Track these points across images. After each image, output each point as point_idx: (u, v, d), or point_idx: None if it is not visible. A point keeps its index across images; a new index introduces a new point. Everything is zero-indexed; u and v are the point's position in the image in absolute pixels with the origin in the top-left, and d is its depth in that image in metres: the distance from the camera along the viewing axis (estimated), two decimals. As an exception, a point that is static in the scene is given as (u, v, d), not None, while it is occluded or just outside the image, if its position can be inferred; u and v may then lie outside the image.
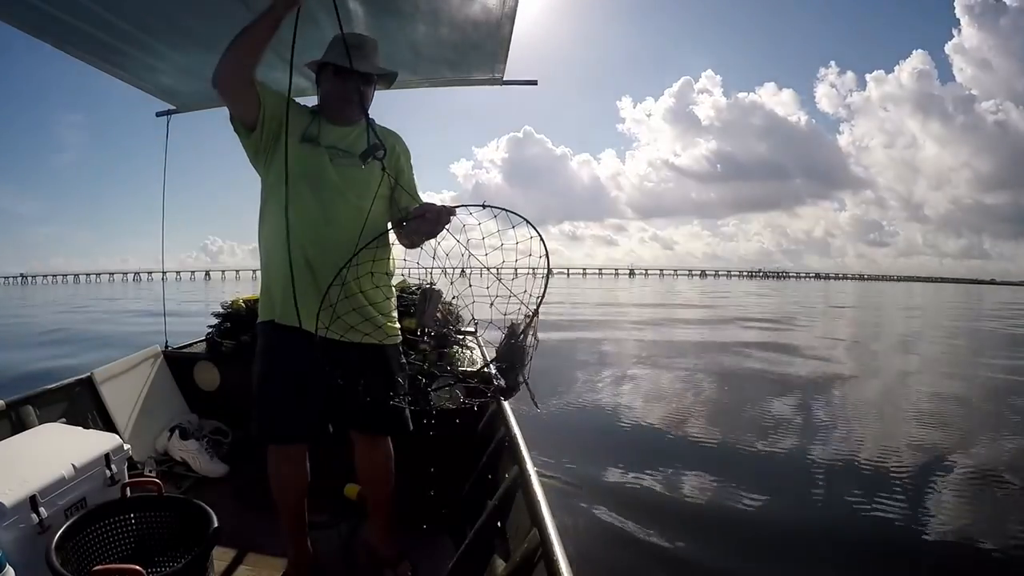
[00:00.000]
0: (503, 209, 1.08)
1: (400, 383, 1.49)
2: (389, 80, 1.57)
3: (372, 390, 1.40)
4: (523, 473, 1.40)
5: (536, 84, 2.45)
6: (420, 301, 1.52)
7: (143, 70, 2.19)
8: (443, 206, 1.30)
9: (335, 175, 1.44)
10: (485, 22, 1.84)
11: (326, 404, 1.49)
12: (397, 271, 1.61)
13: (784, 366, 8.07)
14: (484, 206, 1.10)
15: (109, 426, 2.14)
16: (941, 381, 7.19)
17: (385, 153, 1.36)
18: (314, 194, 1.43)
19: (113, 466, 1.54)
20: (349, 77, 1.43)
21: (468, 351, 2.88)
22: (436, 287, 1.54)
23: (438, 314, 1.65)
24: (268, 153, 1.44)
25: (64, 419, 1.96)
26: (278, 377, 1.47)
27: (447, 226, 1.28)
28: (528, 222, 1.06)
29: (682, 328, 13.15)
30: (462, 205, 1.18)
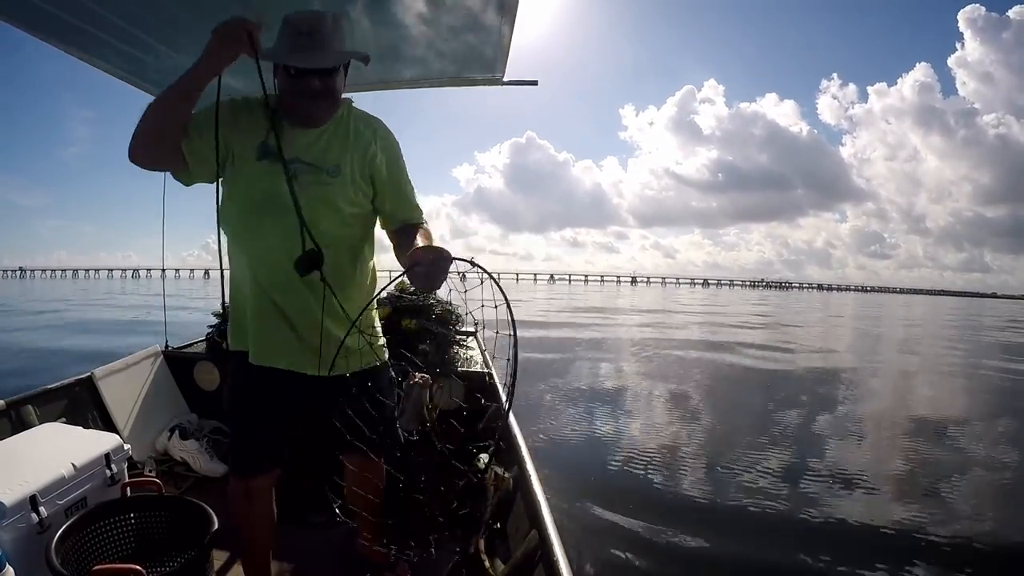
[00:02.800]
0: (490, 275, 0.97)
1: (388, 403, 1.42)
2: (363, 60, 1.26)
3: (361, 416, 1.31)
4: (523, 474, 1.40)
5: (536, 84, 2.45)
6: (403, 399, 1.41)
7: (143, 70, 2.18)
8: (436, 258, 1.03)
9: (301, 199, 1.18)
10: (485, 19, 1.84)
11: (303, 434, 1.39)
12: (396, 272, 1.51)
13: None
14: (472, 263, 0.99)
15: (109, 426, 2.13)
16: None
17: (322, 261, 1.16)
18: (277, 224, 1.18)
19: (113, 466, 1.54)
20: (305, 74, 1.15)
21: (468, 351, 2.88)
22: (420, 380, 1.41)
23: (424, 410, 1.55)
24: (221, 176, 1.24)
25: (64, 419, 1.96)
26: (246, 414, 1.33)
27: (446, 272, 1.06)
28: (502, 292, 0.95)
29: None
30: (457, 259, 1.02)
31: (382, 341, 1.44)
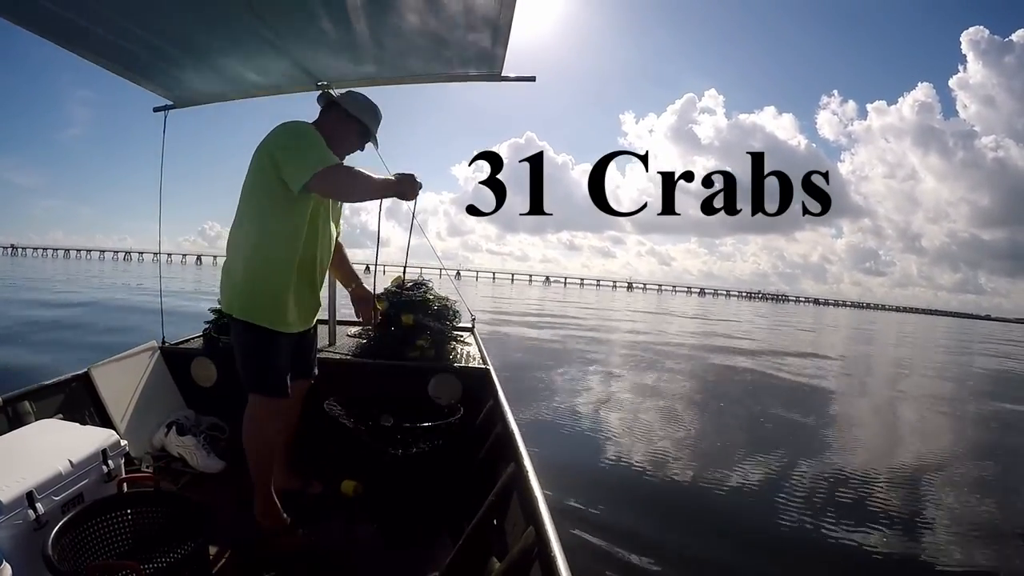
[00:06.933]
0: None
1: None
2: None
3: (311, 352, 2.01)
4: (520, 470, 1.41)
5: (534, 80, 2.44)
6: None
7: (140, 66, 2.17)
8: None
9: (329, 211, 1.82)
10: (484, 15, 1.83)
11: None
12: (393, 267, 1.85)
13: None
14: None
15: (106, 422, 2.13)
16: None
17: None
18: (324, 228, 1.79)
19: (110, 462, 1.54)
20: (367, 139, 1.85)
21: (465, 346, 2.88)
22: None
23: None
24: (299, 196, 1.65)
25: (61, 415, 1.95)
26: (278, 361, 1.72)
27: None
28: None
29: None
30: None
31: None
